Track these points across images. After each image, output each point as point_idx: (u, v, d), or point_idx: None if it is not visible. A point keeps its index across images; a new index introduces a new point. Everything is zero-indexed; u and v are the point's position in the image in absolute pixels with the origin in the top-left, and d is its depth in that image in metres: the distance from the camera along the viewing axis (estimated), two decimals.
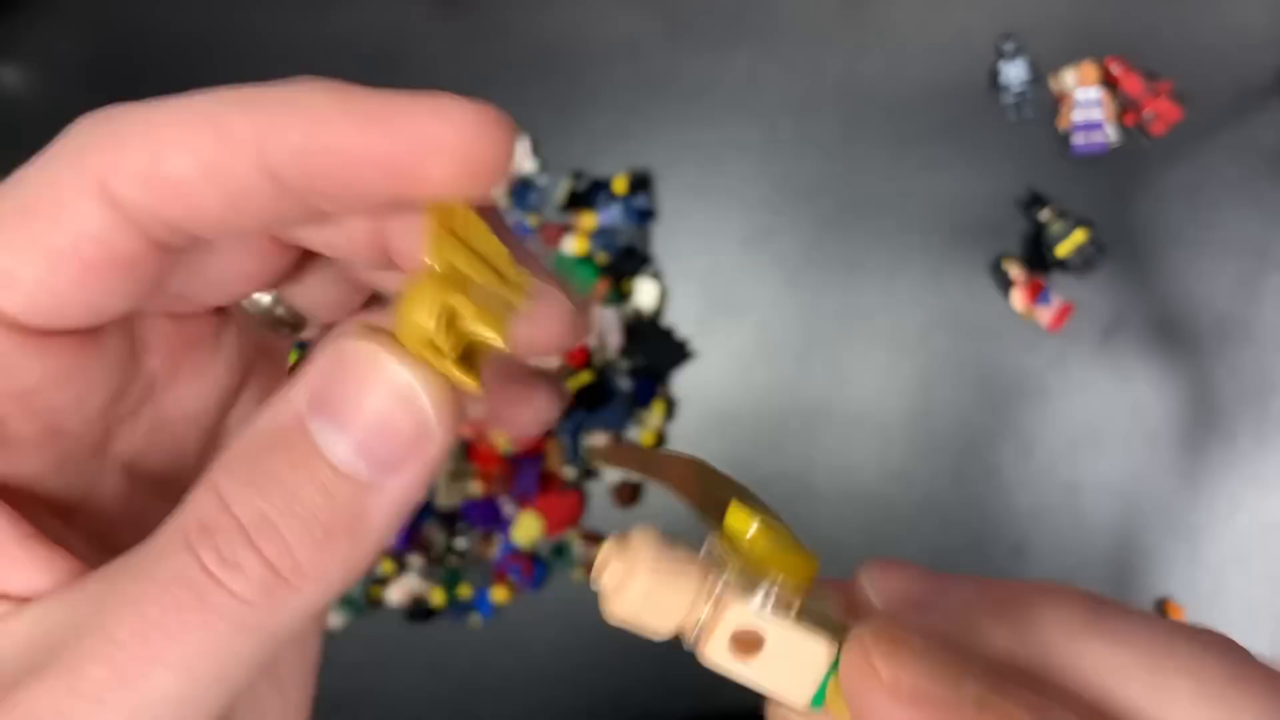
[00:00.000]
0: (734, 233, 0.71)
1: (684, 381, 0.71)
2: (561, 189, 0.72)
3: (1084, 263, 0.67)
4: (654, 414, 0.70)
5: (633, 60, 0.73)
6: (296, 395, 0.17)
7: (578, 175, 0.72)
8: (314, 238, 0.19)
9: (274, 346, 0.24)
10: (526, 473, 0.69)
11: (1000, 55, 0.70)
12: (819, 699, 0.18)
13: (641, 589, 0.18)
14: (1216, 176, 0.68)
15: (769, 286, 0.70)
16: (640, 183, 0.72)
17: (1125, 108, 0.69)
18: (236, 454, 0.16)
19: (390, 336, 0.17)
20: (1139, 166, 0.69)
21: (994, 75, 0.70)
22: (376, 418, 0.16)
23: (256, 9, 0.78)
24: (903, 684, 0.17)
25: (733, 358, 0.70)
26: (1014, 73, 0.69)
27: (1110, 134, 0.68)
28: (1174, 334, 0.67)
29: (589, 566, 0.69)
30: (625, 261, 0.70)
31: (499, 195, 0.72)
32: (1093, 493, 0.67)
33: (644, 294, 0.70)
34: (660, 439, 0.71)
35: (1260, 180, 0.68)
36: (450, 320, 0.16)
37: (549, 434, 0.70)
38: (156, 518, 0.20)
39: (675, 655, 0.20)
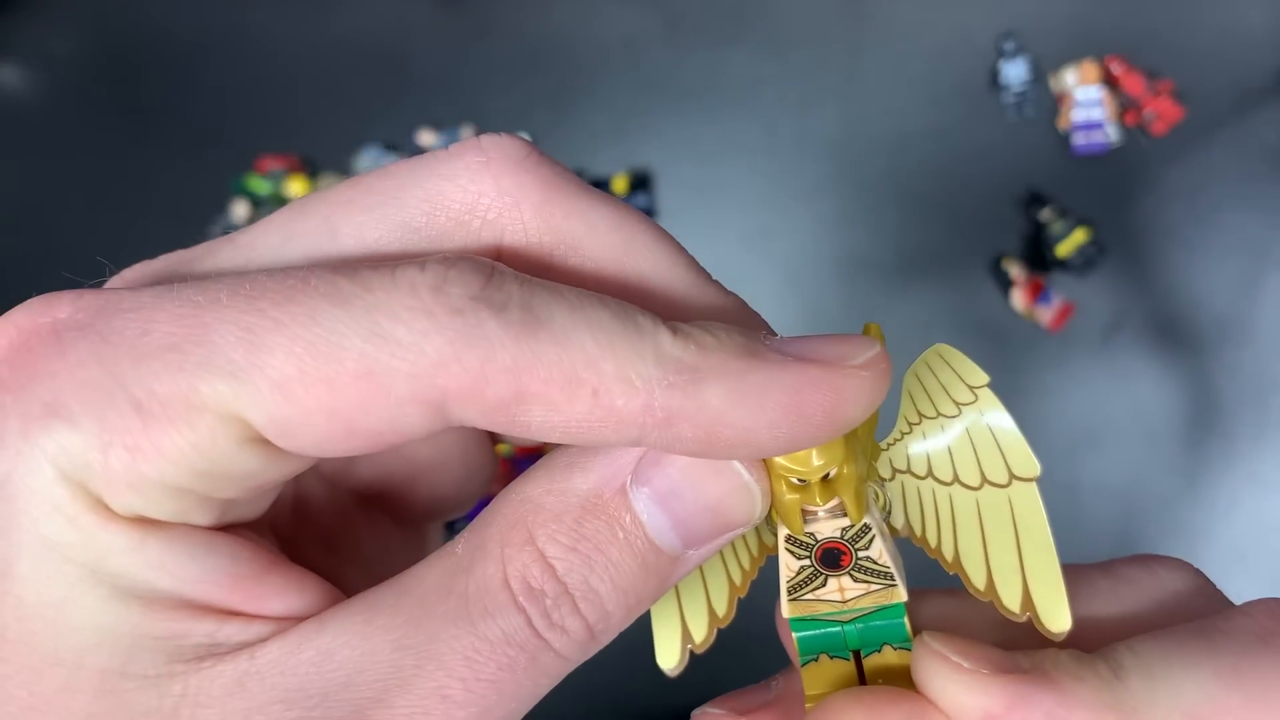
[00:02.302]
0: (734, 231, 0.71)
1: None
2: None
3: (1084, 262, 0.67)
4: None
5: (632, 59, 0.73)
6: (622, 460, 0.17)
7: (578, 174, 0.72)
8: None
9: None
10: (522, 466, 0.69)
11: (1000, 55, 0.70)
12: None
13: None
14: (1217, 176, 0.68)
15: (769, 285, 0.70)
16: (640, 181, 0.71)
17: (1126, 107, 0.69)
18: (554, 510, 0.17)
19: None
20: (1140, 166, 0.69)
21: (994, 75, 0.70)
22: (710, 505, 0.17)
23: (256, 9, 0.78)
24: (973, 655, 0.17)
25: None
26: (1014, 72, 0.69)
27: (1111, 133, 0.68)
28: (1174, 334, 0.67)
29: None
30: None
31: None
32: (1093, 493, 0.67)
33: None
34: None
35: (1261, 180, 0.68)
36: (835, 478, 0.17)
37: None
38: (317, 497, 0.22)
39: (684, 679, 0.20)
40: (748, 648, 0.26)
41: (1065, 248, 0.67)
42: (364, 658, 0.16)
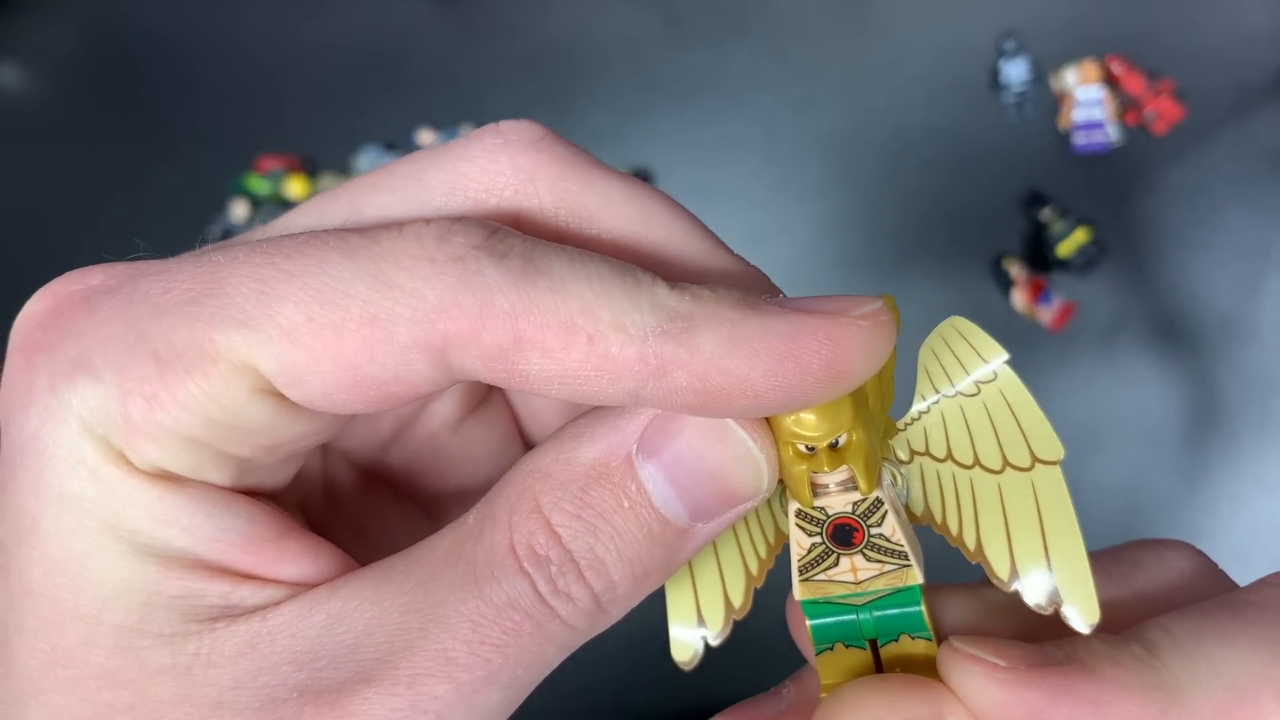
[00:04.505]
0: (734, 231, 0.70)
1: None
2: None
3: (1085, 262, 0.67)
4: None
5: (632, 59, 0.73)
6: (628, 428, 0.17)
7: None
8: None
9: None
10: None
11: (1001, 54, 0.70)
12: None
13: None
14: (1218, 176, 0.68)
15: None
16: None
17: (1126, 107, 0.69)
18: (561, 478, 0.17)
19: None
20: (1140, 166, 0.69)
21: (994, 75, 0.70)
22: (715, 474, 0.17)
23: (256, 9, 0.78)
24: (1003, 653, 0.17)
25: None
26: (1015, 72, 0.69)
27: (1111, 133, 0.68)
28: (1175, 334, 0.67)
29: None
30: None
31: None
32: (1093, 493, 0.67)
33: None
34: None
35: (1262, 180, 0.68)
36: (844, 446, 0.17)
37: None
38: (349, 484, 0.22)
39: (684, 678, 0.20)
40: (753, 650, 0.25)
41: (1066, 248, 0.66)
42: (372, 621, 0.16)
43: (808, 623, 0.19)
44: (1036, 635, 0.17)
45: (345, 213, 0.18)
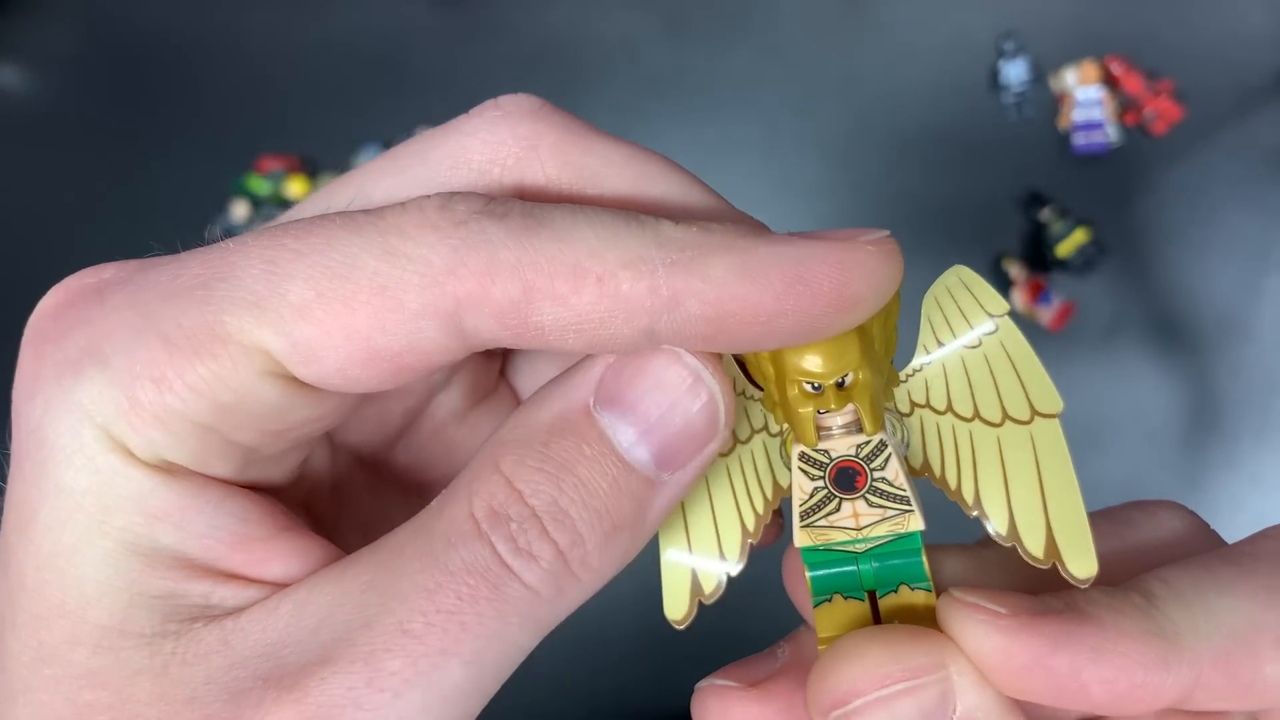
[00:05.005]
0: None
1: None
2: None
3: (1085, 262, 0.67)
4: None
5: (632, 59, 0.73)
6: (583, 383, 0.17)
7: None
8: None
9: None
10: None
11: (1000, 55, 0.70)
12: None
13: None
14: (1217, 176, 0.68)
15: None
16: None
17: (1126, 107, 0.69)
18: (520, 439, 0.16)
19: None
20: (1140, 166, 0.69)
21: (994, 75, 0.70)
22: (672, 414, 0.17)
23: (256, 9, 0.78)
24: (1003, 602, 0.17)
25: None
26: (1014, 72, 0.69)
27: (1111, 133, 0.68)
28: (1175, 334, 0.67)
29: None
30: None
31: None
32: (1093, 493, 0.67)
33: None
34: None
35: (1261, 180, 0.68)
36: (850, 385, 0.17)
37: None
38: (356, 481, 0.21)
39: (674, 654, 0.19)
40: (751, 648, 0.26)
41: (1065, 248, 0.66)
42: (333, 603, 0.16)
43: (807, 574, 0.19)
44: (1034, 592, 0.17)
45: (352, 198, 0.18)
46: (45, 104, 0.79)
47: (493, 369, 0.24)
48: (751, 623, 0.20)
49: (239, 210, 0.75)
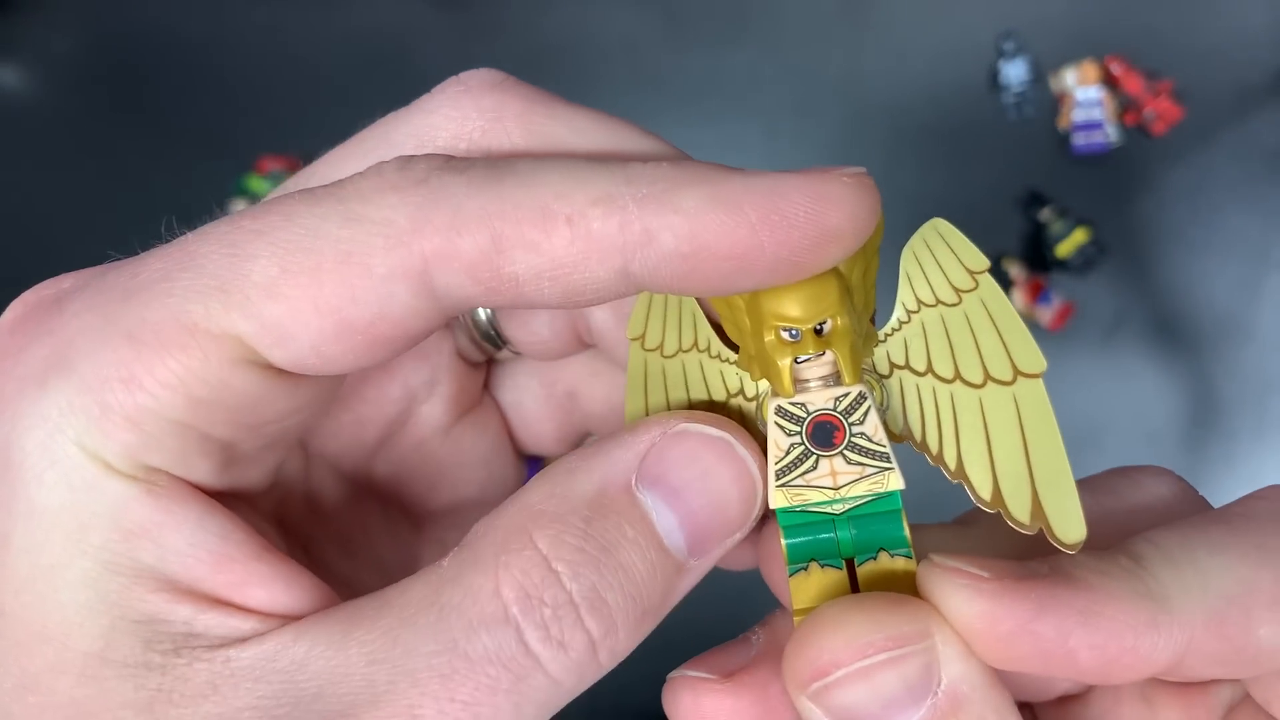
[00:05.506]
0: None
1: None
2: None
3: (1084, 262, 0.67)
4: None
5: (632, 59, 0.73)
6: (625, 457, 0.16)
7: None
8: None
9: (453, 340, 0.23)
10: (532, 470, 0.68)
11: (1000, 55, 0.70)
12: None
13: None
14: (1217, 176, 0.68)
15: None
16: None
17: (1126, 107, 0.69)
18: (557, 512, 0.16)
19: (737, 429, 0.17)
20: (1139, 166, 0.69)
21: (994, 75, 0.70)
22: (714, 504, 0.16)
23: (256, 9, 0.78)
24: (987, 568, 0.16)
25: None
26: (1014, 72, 0.69)
27: (1111, 134, 0.68)
28: (1174, 334, 0.67)
29: None
30: None
31: None
32: None
33: None
34: None
35: (1261, 180, 0.68)
36: (829, 331, 0.17)
37: None
38: (334, 494, 0.21)
39: (673, 654, 0.19)
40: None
41: (1065, 248, 0.67)
42: (337, 670, 0.15)
43: (783, 541, 0.18)
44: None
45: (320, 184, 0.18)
46: (45, 104, 0.79)
47: (477, 381, 0.23)
48: (753, 623, 0.20)
49: (239, 210, 0.75)
